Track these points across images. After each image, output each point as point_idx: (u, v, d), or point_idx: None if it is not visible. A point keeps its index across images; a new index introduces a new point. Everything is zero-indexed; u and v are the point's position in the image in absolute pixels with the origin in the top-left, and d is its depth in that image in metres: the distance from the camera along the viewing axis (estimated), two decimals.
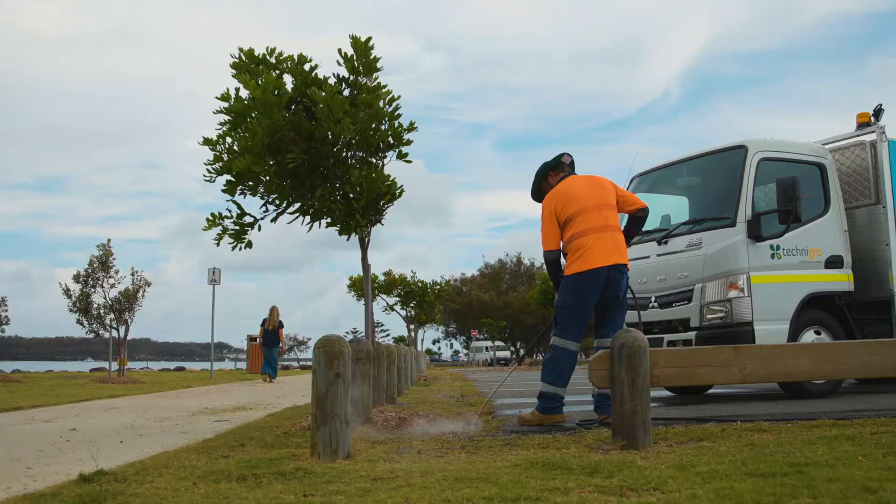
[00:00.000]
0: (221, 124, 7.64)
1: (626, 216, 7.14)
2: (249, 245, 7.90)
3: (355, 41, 7.53)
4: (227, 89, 7.50)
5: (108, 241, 19.97)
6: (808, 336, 8.92)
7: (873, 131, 9.96)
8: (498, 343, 69.89)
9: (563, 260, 6.84)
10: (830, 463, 3.89)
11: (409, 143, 7.85)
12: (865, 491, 3.19)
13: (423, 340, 67.38)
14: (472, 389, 14.22)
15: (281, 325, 21.24)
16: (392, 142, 7.82)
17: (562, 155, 7.18)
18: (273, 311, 21.25)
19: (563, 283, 6.73)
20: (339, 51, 7.58)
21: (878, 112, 10.06)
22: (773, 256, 8.83)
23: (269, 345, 20.95)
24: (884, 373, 6.36)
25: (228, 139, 7.61)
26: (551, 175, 7.16)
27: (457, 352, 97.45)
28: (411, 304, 44.51)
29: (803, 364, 5.97)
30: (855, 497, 3.10)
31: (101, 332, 20.06)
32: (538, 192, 7.27)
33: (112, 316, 19.71)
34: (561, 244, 6.80)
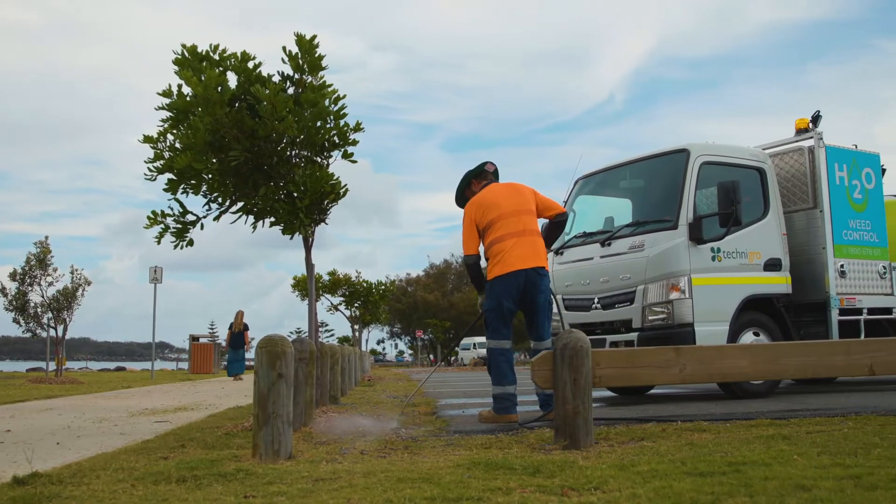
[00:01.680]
0: (163, 121, 7.53)
1: (547, 221, 7.36)
2: (191, 243, 7.81)
3: (300, 39, 7.48)
4: (169, 86, 7.41)
5: (47, 238, 19.63)
6: (748, 337, 9.06)
7: (811, 137, 10.17)
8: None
9: (483, 263, 7.12)
10: (767, 462, 3.96)
11: (354, 143, 7.83)
12: (800, 489, 3.25)
13: (367, 341, 67.06)
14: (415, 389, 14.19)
15: (246, 328, 22.46)
16: (337, 141, 7.78)
17: (485, 163, 7.44)
18: (238, 315, 22.49)
19: (487, 286, 6.98)
20: (284, 48, 7.53)
21: (816, 118, 10.27)
22: (713, 259, 8.96)
23: (236, 346, 22.25)
24: (818, 373, 6.50)
25: (170, 137, 7.51)
26: (474, 183, 7.41)
27: (401, 352, 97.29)
28: (356, 305, 44.34)
29: (742, 365, 6.07)
30: (790, 495, 3.15)
31: (38, 331, 19.69)
32: (462, 199, 7.50)
33: (50, 315, 19.34)
34: (481, 249, 7.08)
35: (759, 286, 9.27)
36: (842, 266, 9.91)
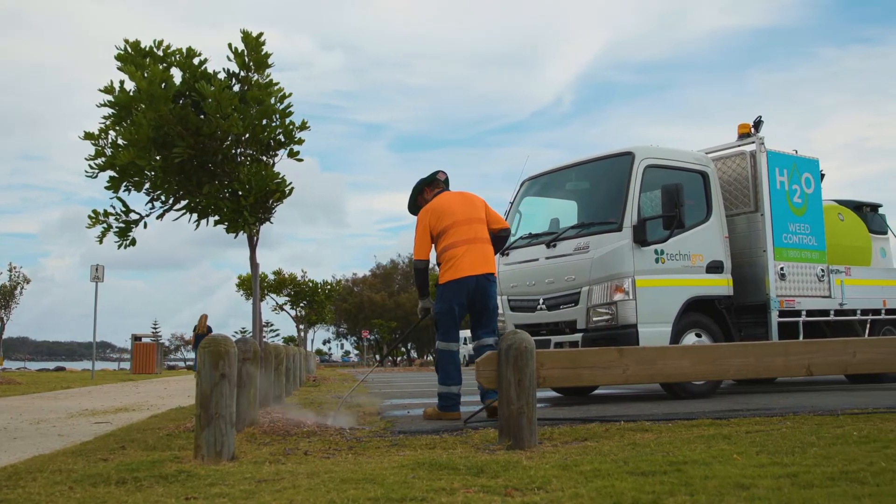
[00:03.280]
0: (105, 117, 7.42)
1: (491, 234, 7.55)
2: (133, 243, 7.71)
3: (246, 36, 7.42)
4: (112, 81, 7.30)
5: None
6: (690, 338, 9.18)
7: (753, 142, 10.34)
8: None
9: (435, 270, 7.40)
10: (707, 461, 4.01)
11: (300, 141, 7.80)
12: (739, 488, 3.30)
13: (313, 341, 66.70)
14: (360, 390, 14.15)
15: (209, 330, 23.08)
16: (283, 140, 7.74)
17: (437, 172, 7.71)
18: (202, 318, 23.49)
19: (438, 290, 7.27)
20: (230, 45, 7.47)
21: (757, 124, 10.45)
22: (657, 261, 9.06)
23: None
24: (758, 374, 6.61)
25: (112, 133, 7.40)
26: (427, 190, 7.68)
27: (347, 352, 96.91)
28: (301, 304, 44.13)
29: (684, 365, 6.15)
30: (729, 493, 3.20)
31: None
32: (414, 206, 7.77)
33: None
34: (432, 255, 7.38)
35: (701, 288, 9.40)
36: (782, 269, 10.09)
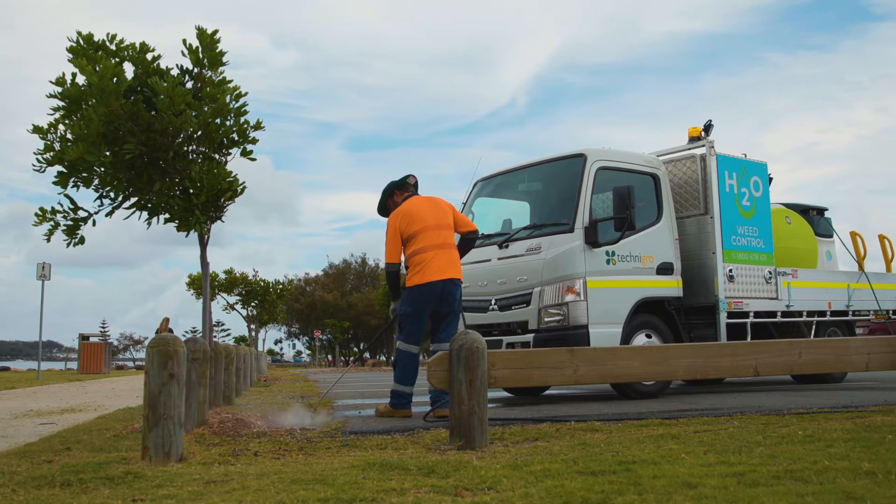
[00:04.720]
0: (55, 110, 7.31)
1: (459, 236, 7.76)
2: (82, 241, 7.61)
3: (201, 33, 7.36)
4: (63, 74, 7.19)
5: None
6: (640, 339, 9.26)
7: (703, 145, 10.46)
8: None
9: (403, 271, 7.54)
10: (656, 461, 4.05)
11: (254, 141, 7.75)
12: (686, 486, 3.34)
13: (265, 341, 66.22)
14: (312, 390, 14.09)
15: (171, 332, 22.91)
16: (237, 138, 7.68)
17: (407, 176, 7.84)
18: (163, 321, 23.77)
19: (405, 293, 7.42)
20: (184, 42, 7.39)
21: (707, 127, 10.57)
22: (608, 262, 9.13)
23: None
24: (706, 374, 6.69)
25: (61, 127, 7.29)
26: (397, 193, 7.79)
27: (299, 352, 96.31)
28: (252, 304, 43.80)
29: (633, 366, 6.21)
30: (677, 492, 3.23)
31: None
32: (384, 209, 7.87)
33: None
34: (402, 258, 7.49)
35: (651, 289, 9.49)
36: (730, 271, 10.22)
